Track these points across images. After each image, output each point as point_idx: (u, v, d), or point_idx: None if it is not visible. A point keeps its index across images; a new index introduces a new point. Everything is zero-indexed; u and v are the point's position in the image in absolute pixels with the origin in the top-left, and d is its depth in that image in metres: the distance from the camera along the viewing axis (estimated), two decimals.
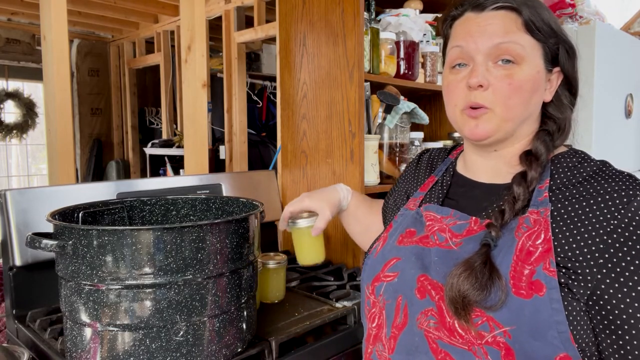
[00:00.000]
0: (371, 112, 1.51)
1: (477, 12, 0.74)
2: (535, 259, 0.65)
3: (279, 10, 1.64)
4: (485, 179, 0.80)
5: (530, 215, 0.69)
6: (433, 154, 0.97)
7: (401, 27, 1.61)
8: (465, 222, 0.75)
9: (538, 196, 0.71)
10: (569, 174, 0.72)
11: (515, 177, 0.73)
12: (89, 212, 1.01)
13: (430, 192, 0.86)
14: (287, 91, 1.64)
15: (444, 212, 0.79)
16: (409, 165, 1.01)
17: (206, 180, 1.45)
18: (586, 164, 0.73)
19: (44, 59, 1.52)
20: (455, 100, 0.76)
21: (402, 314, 0.74)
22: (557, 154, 0.76)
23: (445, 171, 0.88)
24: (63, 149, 1.49)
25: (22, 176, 4.34)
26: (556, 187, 0.71)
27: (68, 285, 0.83)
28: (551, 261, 0.64)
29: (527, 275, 0.64)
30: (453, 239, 0.74)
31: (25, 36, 3.60)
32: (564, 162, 0.74)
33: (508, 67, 0.71)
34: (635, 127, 2.59)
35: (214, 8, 2.76)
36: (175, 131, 3.36)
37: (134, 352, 0.80)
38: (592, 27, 2.03)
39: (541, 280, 0.63)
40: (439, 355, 0.69)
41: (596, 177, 0.70)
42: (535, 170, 0.72)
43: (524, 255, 0.66)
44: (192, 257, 0.81)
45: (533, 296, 0.63)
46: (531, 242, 0.66)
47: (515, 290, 0.64)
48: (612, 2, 3.24)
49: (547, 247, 0.65)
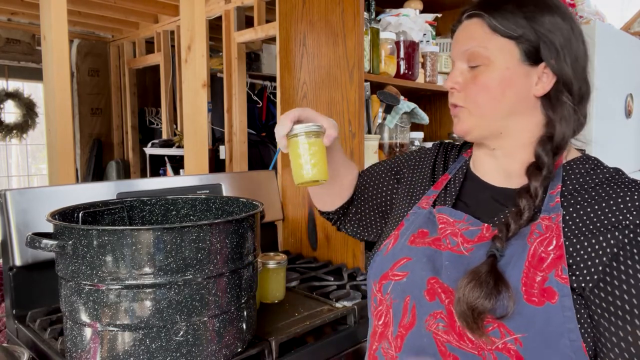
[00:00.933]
0: (371, 112, 1.51)
1: (459, 23, 0.82)
2: (547, 266, 0.65)
3: (279, 10, 1.64)
4: (497, 182, 0.81)
5: (542, 222, 0.69)
6: (448, 149, 0.96)
7: (401, 27, 1.61)
8: (477, 228, 0.76)
9: (550, 202, 0.71)
10: (581, 180, 0.73)
11: (520, 190, 0.74)
12: (89, 212, 1.02)
13: (444, 191, 0.86)
14: (287, 91, 1.64)
15: (457, 216, 0.79)
16: (423, 155, 0.97)
17: (206, 180, 1.45)
18: (599, 171, 0.74)
19: (44, 59, 1.52)
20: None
21: (409, 314, 0.74)
22: (570, 160, 0.77)
23: (459, 170, 0.89)
24: (63, 149, 1.49)
25: (22, 176, 4.34)
26: (568, 193, 0.72)
27: (68, 285, 0.83)
28: (563, 268, 0.64)
29: (539, 282, 0.64)
30: (465, 244, 0.75)
31: (25, 36, 3.60)
32: (575, 168, 0.75)
33: (475, 70, 0.77)
34: (635, 127, 2.59)
35: (214, 8, 2.76)
36: (175, 131, 3.36)
37: (134, 352, 0.80)
38: (592, 27, 2.03)
39: (553, 287, 0.63)
40: (448, 358, 0.69)
41: (609, 184, 0.70)
42: (539, 181, 0.72)
43: (536, 261, 0.66)
44: (192, 257, 0.81)
45: (545, 303, 0.63)
46: (543, 248, 0.66)
47: (527, 297, 0.64)
48: (612, 2, 3.24)
49: (559, 254, 0.65)
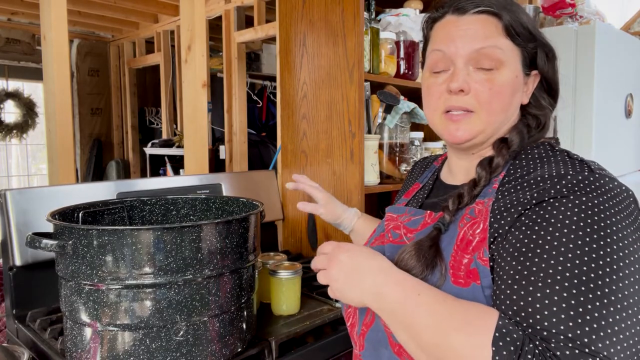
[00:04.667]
0: (371, 112, 1.51)
1: (458, 15, 0.74)
2: (473, 248, 0.66)
3: (279, 10, 1.64)
4: (461, 181, 0.80)
5: (475, 206, 0.70)
6: (426, 161, 0.99)
7: (401, 27, 1.61)
8: (420, 216, 0.77)
9: (488, 188, 0.71)
10: (525, 167, 0.70)
11: (482, 160, 0.73)
12: (89, 212, 1.02)
13: (413, 198, 0.88)
14: (287, 91, 1.64)
15: (399, 211, 0.82)
16: (411, 171, 1.03)
17: (206, 180, 1.45)
18: (544, 154, 0.71)
19: (44, 59, 1.52)
20: (435, 104, 0.76)
21: (370, 313, 0.75)
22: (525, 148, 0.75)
23: (430, 177, 0.90)
24: (63, 149, 1.49)
25: (22, 176, 4.34)
26: (507, 181, 0.70)
27: (68, 285, 0.83)
28: (484, 250, 0.64)
29: (466, 265, 0.65)
30: (408, 235, 0.76)
31: (25, 36, 3.60)
32: (524, 156, 0.73)
33: (488, 72, 0.71)
34: (635, 127, 2.59)
35: (214, 8, 2.76)
36: (175, 131, 3.36)
37: (134, 352, 0.80)
38: (592, 27, 2.03)
39: (478, 269, 0.64)
40: (395, 347, 0.71)
41: (540, 161, 0.69)
42: (503, 157, 0.72)
43: (464, 245, 0.67)
44: (192, 257, 0.81)
45: (471, 284, 0.64)
46: (471, 231, 0.67)
47: (454, 280, 0.65)
48: (612, 2, 3.24)
49: (483, 237, 0.66)
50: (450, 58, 0.73)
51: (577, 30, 2.05)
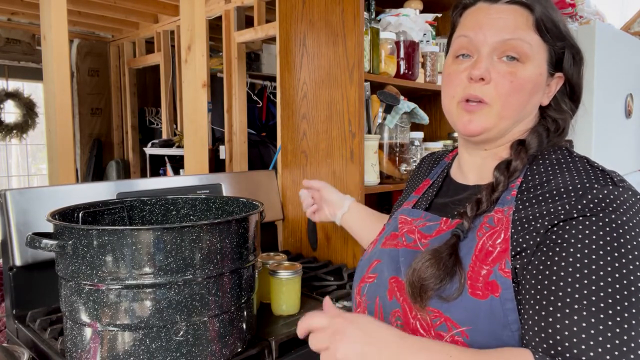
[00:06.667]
0: (371, 112, 1.51)
1: (490, 3, 0.72)
2: (493, 259, 0.64)
3: (279, 10, 1.64)
4: (473, 181, 0.79)
5: (495, 215, 0.68)
6: (435, 156, 0.97)
7: (401, 27, 1.61)
8: (436, 223, 0.75)
9: (507, 195, 0.69)
10: (544, 174, 0.69)
11: (500, 164, 0.72)
12: (89, 212, 1.02)
13: (423, 196, 0.87)
14: (287, 91, 1.64)
15: (414, 215, 0.80)
16: (413, 169, 1.02)
17: (206, 180, 1.45)
18: (562, 160, 0.70)
19: (44, 59, 1.52)
20: (453, 91, 0.74)
21: (379, 315, 0.75)
22: (542, 152, 0.74)
23: (440, 174, 0.88)
24: (63, 149, 1.49)
25: (22, 176, 4.34)
26: (526, 188, 0.69)
27: (68, 285, 0.83)
28: (506, 262, 0.63)
29: (484, 276, 0.64)
30: (422, 240, 0.74)
31: (25, 36, 3.60)
32: (541, 162, 0.72)
33: (512, 64, 0.70)
34: (635, 127, 2.59)
35: (214, 8, 2.76)
36: (175, 131, 3.36)
37: (134, 352, 0.80)
38: (592, 27, 2.03)
39: (497, 281, 0.62)
40: None
41: (561, 169, 0.68)
42: (522, 161, 0.70)
43: (482, 255, 0.65)
44: (192, 257, 0.81)
45: (489, 297, 0.62)
46: (491, 242, 0.65)
47: (472, 291, 0.63)
48: (612, 2, 3.24)
49: (504, 247, 0.64)
50: (476, 45, 0.72)
51: (577, 30, 2.05)
